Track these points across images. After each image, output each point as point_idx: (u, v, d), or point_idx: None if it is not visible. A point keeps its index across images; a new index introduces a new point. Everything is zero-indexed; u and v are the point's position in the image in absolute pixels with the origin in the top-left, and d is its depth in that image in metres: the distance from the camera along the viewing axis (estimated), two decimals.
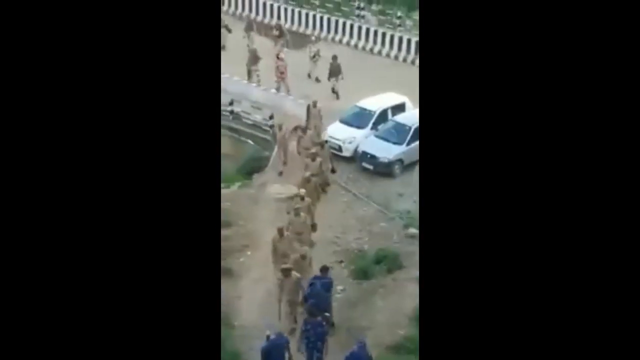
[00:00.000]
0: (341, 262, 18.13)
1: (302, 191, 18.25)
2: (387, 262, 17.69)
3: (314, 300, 14.65)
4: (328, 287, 15.29)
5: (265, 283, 17.09)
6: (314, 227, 17.87)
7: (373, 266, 17.68)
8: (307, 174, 19.24)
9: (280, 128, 22.04)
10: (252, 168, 22.94)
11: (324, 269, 15.42)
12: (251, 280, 17.51)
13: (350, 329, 15.17)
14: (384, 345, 15.11)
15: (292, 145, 22.55)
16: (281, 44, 28.18)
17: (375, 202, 20.39)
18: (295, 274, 15.25)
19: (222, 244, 18.40)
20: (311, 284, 15.00)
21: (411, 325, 15.35)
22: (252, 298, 16.99)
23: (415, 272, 17.01)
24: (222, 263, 17.80)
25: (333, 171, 20.93)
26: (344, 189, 20.94)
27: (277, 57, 26.01)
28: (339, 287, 17.18)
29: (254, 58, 26.44)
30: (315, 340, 13.93)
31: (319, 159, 19.80)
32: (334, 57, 25.64)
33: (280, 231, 16.45)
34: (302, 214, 17.23)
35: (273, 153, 22.45)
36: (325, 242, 18.69)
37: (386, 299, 16.59)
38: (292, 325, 15.32)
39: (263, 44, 28.63)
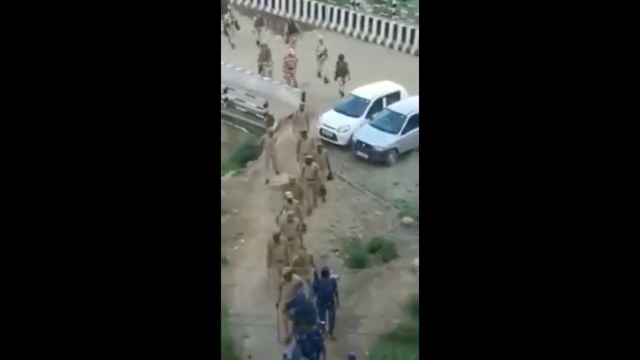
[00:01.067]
0: (336, 250, 18.08)
1: (289, 194, 17.69)
2: (382, 250, 17.67)
3: (297, 309, 14.26)
4: (329, 290, 15.00)
5: (259, 271, 17.03)
6: (303, 228, 17.34)
7: (368, 255, 17.65)
8: (292, 176, 18.81)
9: (271, 134, 21.22)
10: (246, 156, 22.85)
11: (325, 273, 15.15)
12: (245, 269, 17.45)
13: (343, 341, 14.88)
14: (379, 334, 15.10)
15: (286, 134, 22.48)
16: (293, 40, 27.84)
17: (370, 191, 20.34)
18: (296, 277, 15.01)
19: None
20: (298, 292, 14.60)
21: (406, 315, 15.36)
22: (246, 286, 16.95)
23: (410, 261, 17.05)
24: None
25: (330, 177, 20.22)
26: (338, 178, 20.86)
27: (289, 54, 25.78)
28: (334, 276, 17.11)
29: (266, 54, 26.31)
30: (311, 350, 13.52)
31: (314, 164, 19.17)
32: (341, 57, 25.33)
33: (276, 237, 16.07)
34: (295, 219, 16.84)
35: (262, 154, 21.87)
36: (320, 230, 18.64)
37: (381, 288, 16.58)
38: (289, 334, 14.92)
39: (273, 39, 28.50)
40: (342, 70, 25.27)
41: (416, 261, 16.85)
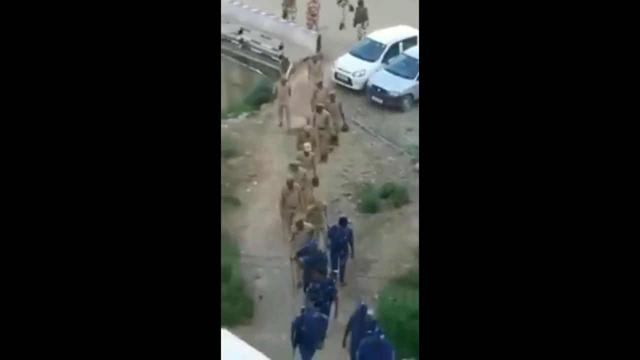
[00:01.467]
0: (348, 195, 18.12)
1: (307, 146, 17.39)
2: (394, 196, 17.69)
3: (308, 257, 14.22)
4: (344, 239, 14.94)
5: (271, 213, 17.13)
6: (315, 181, 17.18)
7: (380, 200, 17.68)
8: (308, 127, 18.59)
9: (283, 82, 20.77)
10: (260, 98, 22.72)
11: (343, 221, 15.14)
12: (257, 210, 17.55)
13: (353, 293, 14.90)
14: (389, 278, 15.22)
15: (300, 77, 22.35)
16: None
17: (383, 136, 20.28)
18: (308, 225, 15.01)
19: (229, 173, 18.56)
20: (308, 242, 14.54)
21: (417, 260, 15.40)
22: (258, 227, 17.06)
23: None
24: (229, 193, 17.92)
25: (345, 129, 19.95)
26: (352, 123, 20.80)
27: (312, 0, 25.51)
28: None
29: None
30: (324, 300, 13.46)
31: (325, 112, 18.86)
32: (360, 3, 25.07)
33: (290, 183, 15.95)
34: (300, 169, 16.62)
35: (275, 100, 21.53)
36: (333, 175, 18.66)
37: (392, 232, 16.66)
38: (299, 280, 14.84)
39: None
40: (361, 17, 25.03)
41: None
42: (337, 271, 14.66)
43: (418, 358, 12.92)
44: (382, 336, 11.76)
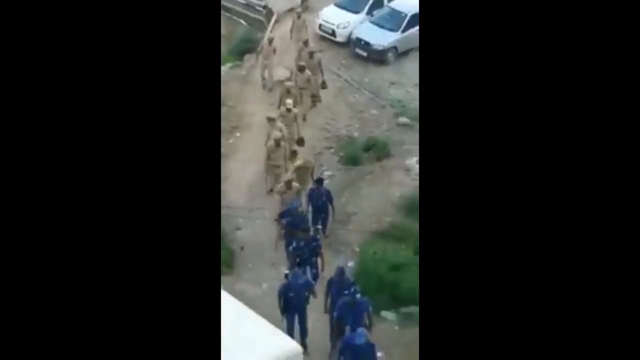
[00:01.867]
0: (330, 148, 18.13)
1: (289, 102, 17.17)
2: (376, 150, 17.73)
3: (290, 219, 14.25)
4: (323, 200, 14.92)
5: (253, 165, 17.13)
6: (301, 141, 16.92)
7: (362, 153, 17.70)
8: (289, 83, 18.30)
9: (270, 42, 20.20)
10: (244, 49, 22.59)
11: (319, 181, 15.15)
12: (240, 162, 17.53)
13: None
14: (370, 231, 15.30)
15: (284, 28, 22.15)
16: None
17: (367, 89, 20.22)
18: (295, 185, 14.98)
19: None
20: (291, 203, 14.52)
21: (398, 213, 15.51)
22: (239, 178, 17.06)
23: (404, 161, 17.12)
24: None
25: (324, 86, 19.64)
26: (336, 75, 20.71)
27: None
28: (327, 173, 17.24)
29: None
30: (309, 256, 13.56)
31: (307, 72, 18.60)
32: None
33: (277, 141, 15.81)
34: (282, 143, 16.07)
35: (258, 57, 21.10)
36: (316, 128, 18.63)
37: (373, 185, 16.71)
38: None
39: None
40: None
41: (409, 161, 16.92)
42: (320, 227, 14.74)
43: (397, 310, 13.29)
44: (357, 295, 11.87)
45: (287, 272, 12.82)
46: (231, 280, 13.97)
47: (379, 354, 11.64)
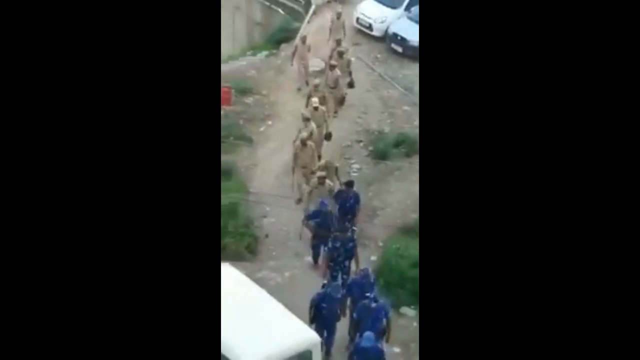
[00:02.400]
0: (360, 142, 18.16)
1: (315, 100, 16.98)
2: (406, 145, 17.71)
3: (319, 220, 14.04)
4: (351, 203, 14.72)
5: (282, 154, 17.22)
6: (328, 136, 16.85)
7: (391, 149, 17.72)
8: (317, 81, 18.06)
9: (304, 41, 19.91)
10: (281, 38, 22.62)
11: (349, 184, 14.98)
12: (270, 150, 17.63)
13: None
14: (395, 226, 15.34)
15: (322, 21, 22.12)
16: None
17: (400, 85, 20.21)
18: (329, 182, 14.91)
19: (244, 111, 18.62)
20: (321, 203, 14.19)
21: None
22: (268, 166, 17.16)
23: None
24: (242, 131, 17.99)
25: (351, 85, 19.45)
26: (370, 69, 20.72)
27: None
28: (356, 166, 17.30)
29: None
30: (344, 259, 13.39)
31: (337, 72, 18.39)
32: None
33: (304, 141, 15.67)
34: (309, 143, 15.86)
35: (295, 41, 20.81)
36: (347, 121, 18.66)
37: (401, 181, 16.74)
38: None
39: None
40: None
41: None
42: (355, 228, 14.43)
43: (417, 306, 13.32)
44: (374, 304, 11.68)
45: (325, 282, 12.56)
46: (254, 267, 14.10)
47: (395, 349, 11.68)
